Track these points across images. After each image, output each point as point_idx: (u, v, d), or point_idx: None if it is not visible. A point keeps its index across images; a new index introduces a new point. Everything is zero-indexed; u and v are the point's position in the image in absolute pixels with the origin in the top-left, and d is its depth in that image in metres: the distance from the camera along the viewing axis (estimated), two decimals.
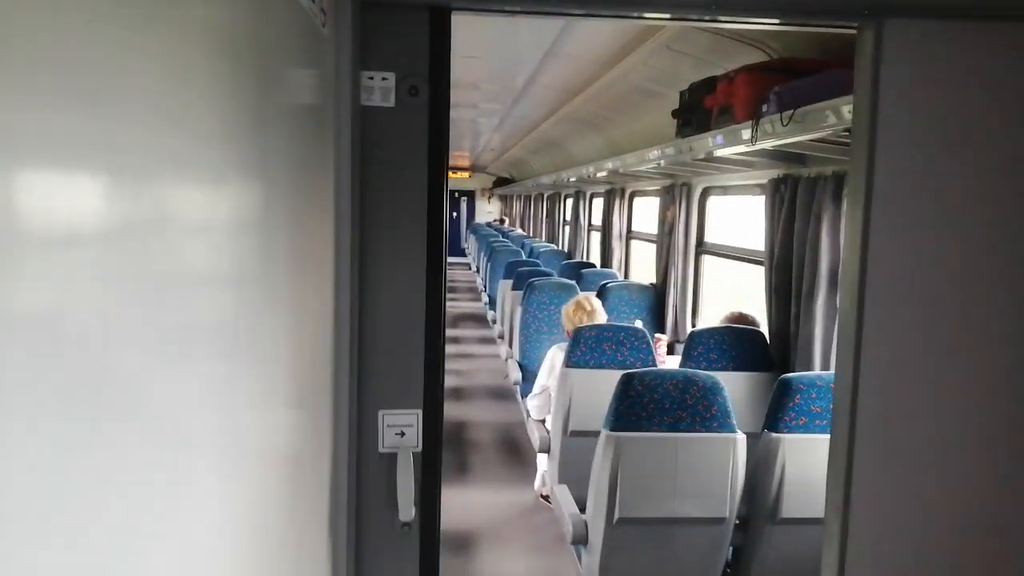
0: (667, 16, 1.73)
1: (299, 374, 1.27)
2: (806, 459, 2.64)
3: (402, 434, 1.70)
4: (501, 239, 10.91)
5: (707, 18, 1.67)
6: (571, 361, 3.59)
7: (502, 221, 18.75)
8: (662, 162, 4.14)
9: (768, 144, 2.79)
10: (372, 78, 1.61)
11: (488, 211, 20.49)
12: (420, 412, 1.71)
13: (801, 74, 2.61)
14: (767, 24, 1.73)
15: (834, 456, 1.73)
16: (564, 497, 3.04)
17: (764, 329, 3.71)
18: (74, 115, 0.53)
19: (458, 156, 14.37)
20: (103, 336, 0.59)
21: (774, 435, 2.67)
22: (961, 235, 1.62)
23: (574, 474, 3.36)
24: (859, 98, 1.62)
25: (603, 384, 3.03)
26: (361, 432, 1.69)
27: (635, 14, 1.67)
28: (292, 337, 1.21)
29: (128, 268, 0.63)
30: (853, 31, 1.64)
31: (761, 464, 2.72)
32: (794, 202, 3.36)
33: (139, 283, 0.65)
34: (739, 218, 5.64)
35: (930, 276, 1.63)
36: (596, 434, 2.73)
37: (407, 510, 1.67)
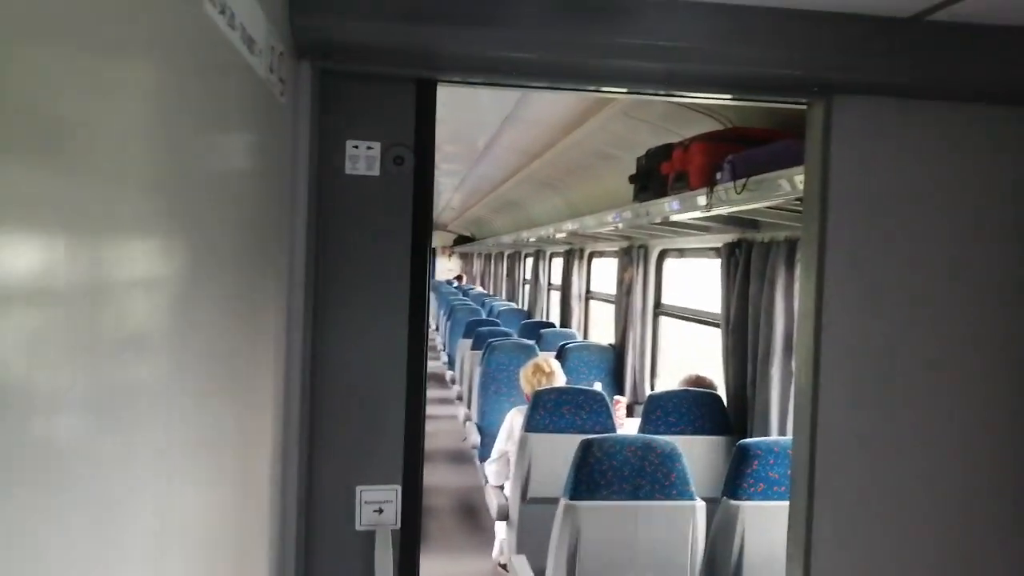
0: (624, 91, 1.76)
1: (244, 453, 1.21)
2: (766, 527, 2.60)
3: (380, 511, 1.64)
4: (461, 297, 10.88)
5: (662, 92, 1.72)
6: (530, 425, 3.54)
7: (460, 278, 18.78)
8: (620, 225, 4.19)
9: (723, 211, 2.84)
10: (357, 147, 1.62)
11: (448, 268, 20.53)
12: (399, 488, 1.66)
13: (753, 143, 2.69)
14: (721, 100, 1.79)
15: (793, 524, 1.71)
16: (522, 568, 2.95)
17: (722, 392, 3.72)
18: (23, 170, 0.53)
19: None
20: (32, 401, 0.55)
21: (733, 502, 2.64)
22: (914, 302, 1.66)
23: (533, 543, 3.27)
24: (810, 171, 1.66)
25: (562, 449, 2.99)
26: (337, 509, 1.63)
27: (592, 87, 1.70)
28: (235, 407, 1.16)
29: (64, 329, 0.60)
30: (804, 106, 1.70)
31: (720, 532, 2.68)
32: (748, 266, 3.41)
33: (74, 344, 0.62)
34: (699, 280, 5.72)
35: (885, 344, 1.65)
36: (555, 501, 2.67)
37: None
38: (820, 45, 1.53)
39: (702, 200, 2.77)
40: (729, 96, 1.72)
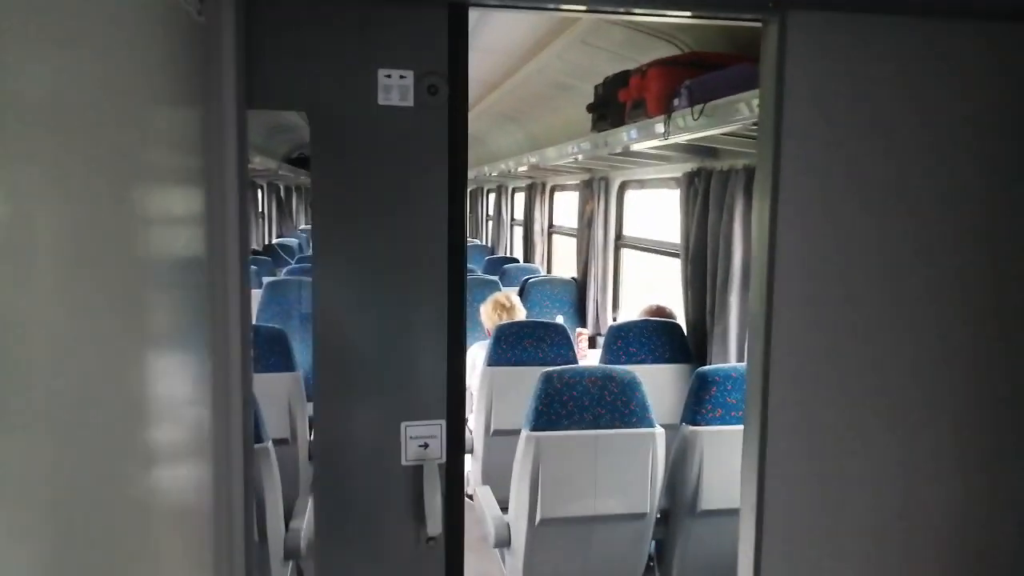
0: (583, 8, 1.69)
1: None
2: (723, 451, 2.66)
3: (425, 446, 1.65)
4: None
5: (621, 11, 1.66)
6: (492, 360, 3.55)
7: None
8: (579, 156, 4.13)
9: (681, 138, 2.80)
10: (390, 76, 1.56)
11: None
12: (444, 423, 1.67)
13: (712, 68, 2.63)
14: (677, 17, 1.73)
15: (747, 447, 1.73)
16: (487, 499, 2.99)
17: (682, 321, 3.75)
18: None
19: None
20: None
21: (691, 428, 2.69)
22: (869, 225, 1.64)
23: (498, 474, 3.31)
24: (764, 91, 1.62)
25: (525, 382, 2.99)
26: (385, 444, 1.64)
27: (551, 6, 1.62)
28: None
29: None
30: (759, 23, 1.64)
31: (680, 457, 2.74)
32: (707, 196, 3.39)
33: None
34: (662, 211, 5.71)
35: (838, 268, 1.64)
36: (519, 433, 2.69)
37: (435, 524, 1.62)
38: None
39: (659, 128, 2.72)
40: (688, 13, 1.66)
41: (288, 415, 3.26)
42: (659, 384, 3.40)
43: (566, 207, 6.68)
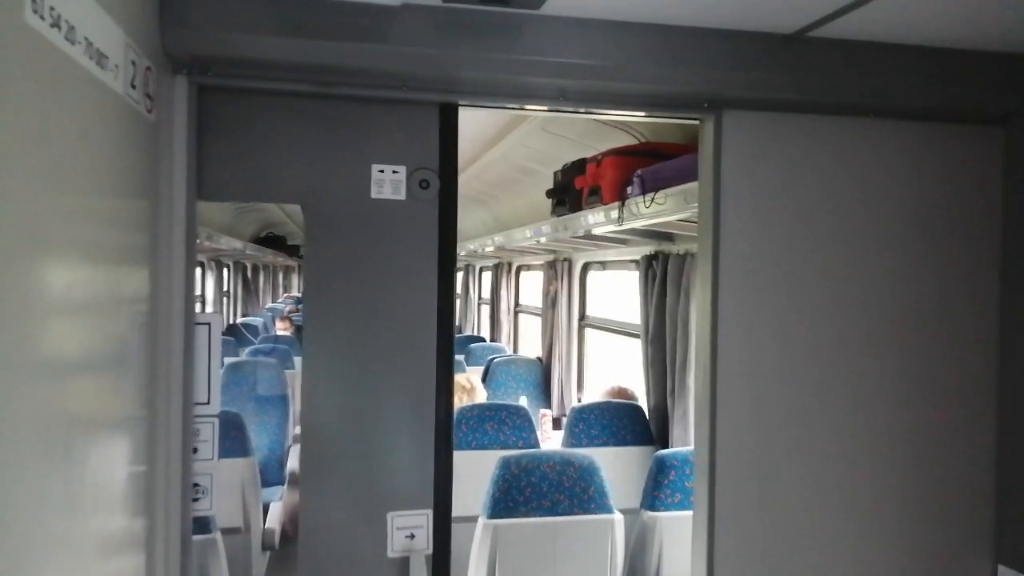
0: (545, 108, 1.77)
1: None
2: (683, 537, 2.62)
3: (412, 536, 1.64)
4: None
5: (581, 110, 1.75)
6: (454, 444, 3.49)
7: None
8: (541, 239, 4.20)
9: (636, 224, 2.87)
10: (383, 171, 1.63)
11: None
12: (430, 512, 1.66)
13: (664, 157, 2.73)
14: (627, 116, 1.83)
15: (696, 537, 1.73)
16: None
17: (645, 402, 3.76)
18: None
19: None
20: None
21: (650, 514, 2.66)
22: (804, 311, 1.71)
23: (458, 563, 3.22)
24: (703, 185, 1.70)
25: (487, 466, 2.95)
26: (370, 534, 1.63)
27: (516, 106, 1.70)
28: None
29: None
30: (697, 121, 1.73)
31: (640, 544, 2.70)
32: (664, 278, 3.46)
33: None
34: (624, 290, 5.79)
35: (778, 354, 1.70)
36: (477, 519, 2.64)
37: None
38: (708, 62, 1.56)
39: (614, 214, 2.80)
40: (635, 113, 1.75)
41: (241, 502, 3.16)
42: (621, 467, 3.37)
43: (533, 286, 6.74)
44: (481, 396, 3.95)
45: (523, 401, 4.12)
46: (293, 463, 4.45)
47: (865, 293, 1.74)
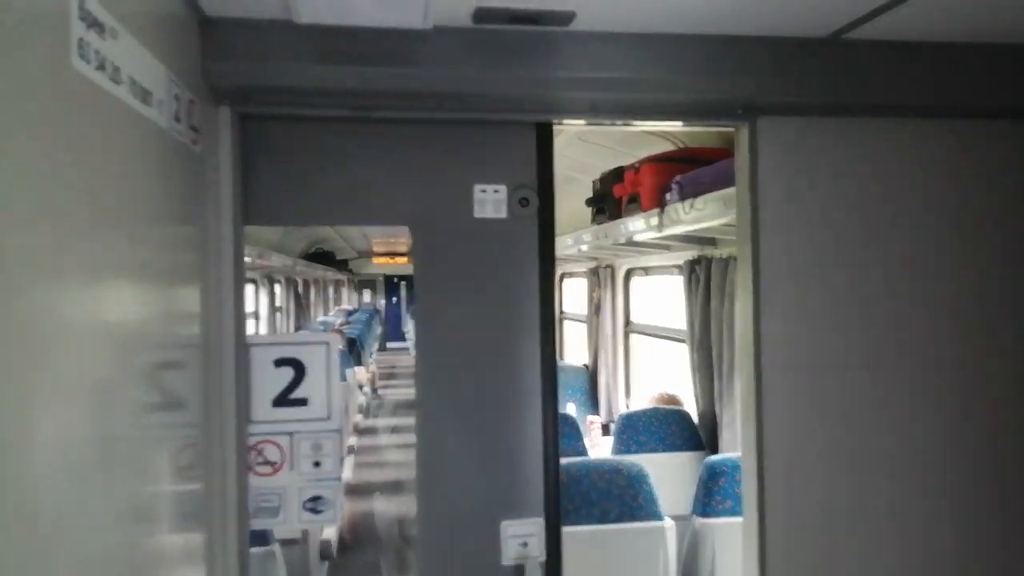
0: (582, 122, 1.81)
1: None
2: (736, 543, 2.60)
3: (525, 544, 1.68)
4: None
5: (619, 123, 1.80)
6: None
7: None
8: (583, 247, 4.21)
9: (677, 230, 2.87)
10: (484, 191, 1.68)
11: None
12: (543, 520, 1.70)
13: (703, 162, 2.72)
14: (663, 125, 1.85)
15: (746, 542, 1.72)
16: None
17: (693, 407, 3.73)
18: None
19: (395, 243, 14.47)
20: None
21: (702, 520, 2.65)
22: (848, 314, 1.69)
23: None
24: (740, 192, 1.70)
25: None
26: (485, 542, 1.68)
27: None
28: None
29: None
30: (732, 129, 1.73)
31: (692, 551, 2.68)
32: (708, 283, 3.44)
33: None
34: (668, 297, 5.75)
35: (822, 358, 1.68)
36: None
37: None
38: (742, 69, 1.56)
39: (654, 220, 2.80)
40: (671, 123, 1.76)
41: None
42: (671, 473, 3.35)
43: (577, 293, 6.74)
44: None
45: (571, 408, 4.13)
46: (348, 474, 4.54)
47: (908, 294, 1.71)
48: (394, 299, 19.85)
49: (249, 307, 8.72)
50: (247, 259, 5.64)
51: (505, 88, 1.55)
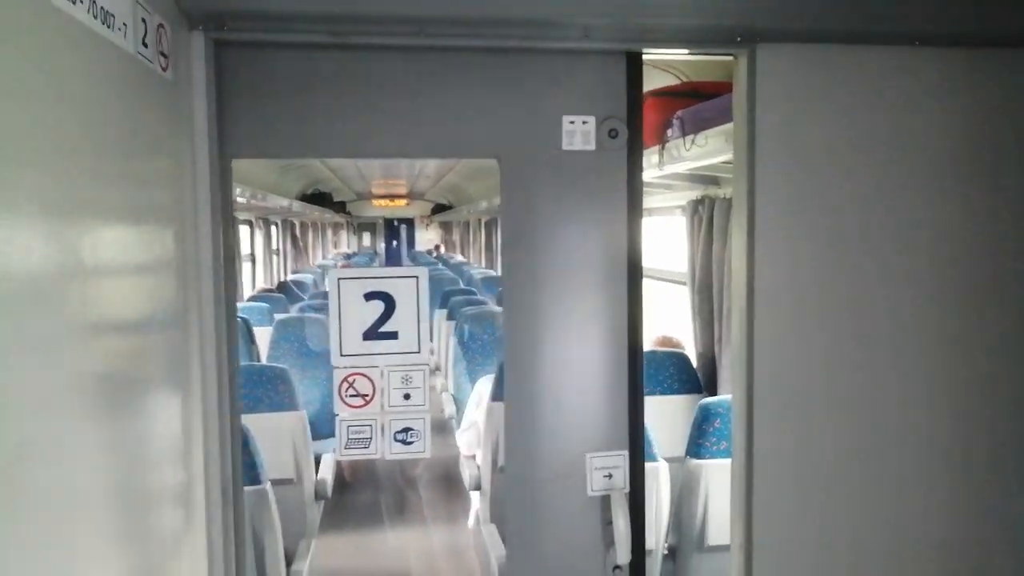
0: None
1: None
2: (728, 483, 2.60)
3: (609, 476, 1.71)
4: (439, 268, 10.82)
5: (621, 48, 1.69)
6: (497, 394, 3.51)
7: (438, 248, 18.63)
8: None
9: (678, 168, 2.78)
10: (573, 122, 1.65)
11: (428, 239, 20.39)
12: (627, 453, 1.72)
13: (707, 97, 2.61)
14: (656, 53, 1.75)
15: (735, 484, 1.70)
16: (491, 537, 2.95)
17: (692, 351, 3.70)
18: None
19: (394, 184, 14.32)
20: None
21: (695, 461, 2.63)
22: (844, 254, 1.64)
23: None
24: (737, 125, 1.62)
25: None
26: (571, 473, 1.70)
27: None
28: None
29: None
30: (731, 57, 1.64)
31: (685, 492, 2.68)
32: (711, 223, 3.37)
33: None
34: (670, 239, 5.67)
35: (816, 298, 1.64)
36: None
37: (625, 553, 1.67)
38: None
39: (655, 158, 2.71)
40: (654, 48, 1.67)
41: (292, 455, 3.25)
42: (668, 416, 3.34)
43: None
44: None
45: None
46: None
47: (910, 232, 1.64)
48: (394, 243, 19.76)
49: (245, 250, 8.68)
50: (240, 200, 5.54)
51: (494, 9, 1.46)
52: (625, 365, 1.71)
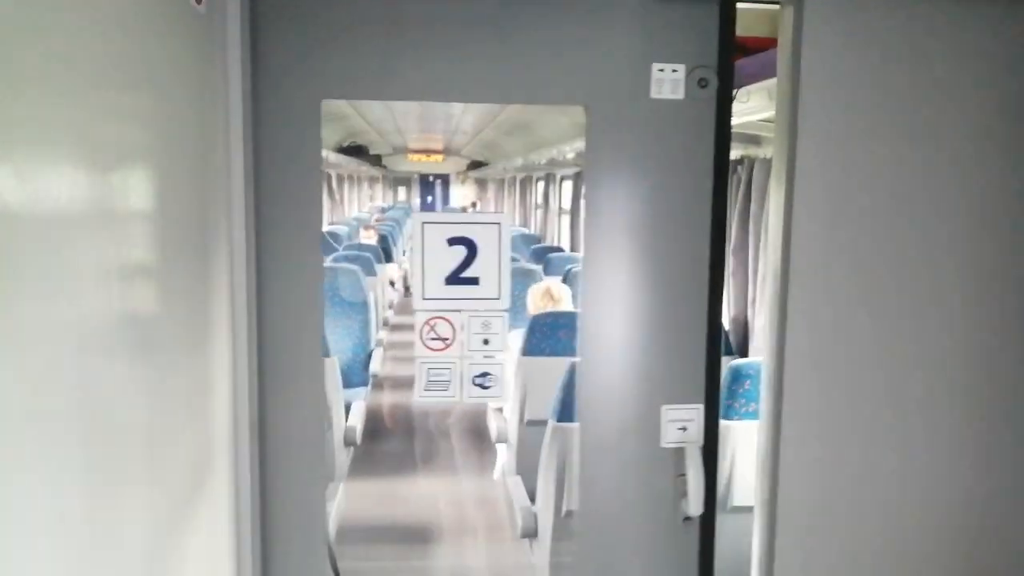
0: None
1: None
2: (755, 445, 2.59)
3: (684, 428, 1.71)
4: None
5: None
6: (526, 349, 3.53)
7: (474, 205, 18.57)
8: None
9: None
10: (663, 70, 1.61)
11: (463, 194, 20.31)
12: (702, 407, 1.72)
13: (751, 52, 2.54)
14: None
15: (761, 446, 1.69)
16: (516, 489, 2.99)
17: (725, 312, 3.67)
18: None
19: (429, 139, 14.24)
20: None
21: (724, 422, 2.62)
22: (889, 214, 1.59)
23: (530, 464, 3.31)
24: (781, 80, 1.57)
25: (558, 372, 2.98)
26: (645, 425, 1.71)
27: None
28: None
29: None
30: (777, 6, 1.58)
31: None
32: (749, 185, 3.30)
33: None
34: None
35: (854, 256, 1.60)
36: None
37: (697, 504, 1.68)
38: None
39: None
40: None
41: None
42: None
43: None
44: (567, 307, 3.94)
45: None
46: (376, 366, 4.63)
47: (958, 192, 1.57)
48: (429, 198, 19.75)
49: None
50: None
51: None
52: (704, 319, 1.70)
